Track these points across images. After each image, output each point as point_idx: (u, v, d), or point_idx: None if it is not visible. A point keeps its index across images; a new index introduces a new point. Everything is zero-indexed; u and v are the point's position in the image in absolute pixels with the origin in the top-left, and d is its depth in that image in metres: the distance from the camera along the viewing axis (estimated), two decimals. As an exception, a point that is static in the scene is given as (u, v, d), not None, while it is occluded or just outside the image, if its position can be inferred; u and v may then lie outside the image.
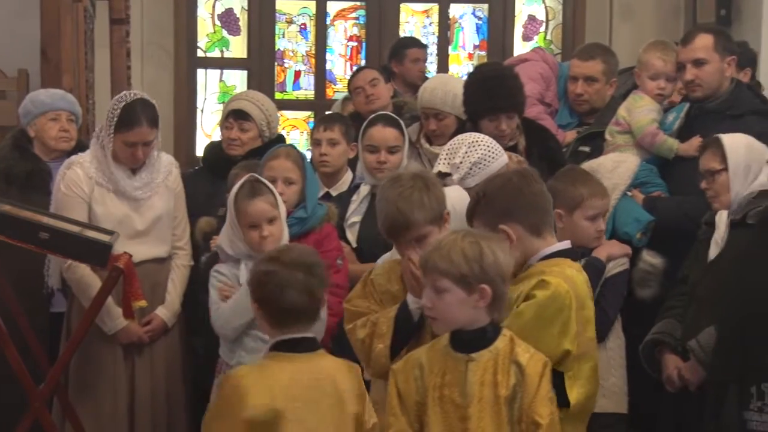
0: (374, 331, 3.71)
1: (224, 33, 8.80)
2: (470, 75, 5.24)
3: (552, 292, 3.51)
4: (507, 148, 4.78)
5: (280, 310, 3.42)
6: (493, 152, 4.45)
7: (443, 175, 4.39)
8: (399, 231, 3.74)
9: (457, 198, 4.02)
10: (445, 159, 4.49)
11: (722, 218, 4.39)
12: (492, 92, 4.97)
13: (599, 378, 3.88)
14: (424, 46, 7.65)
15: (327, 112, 7.04)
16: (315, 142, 5.48)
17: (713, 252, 4.37)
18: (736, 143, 4.46)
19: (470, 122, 5.06)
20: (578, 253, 3.85)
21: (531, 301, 3.51)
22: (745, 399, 3.87)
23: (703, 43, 5.09)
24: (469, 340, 3.37)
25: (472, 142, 4.47)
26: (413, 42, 7.68)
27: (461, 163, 4.39)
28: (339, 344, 4.30)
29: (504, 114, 4.95)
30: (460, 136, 4.60)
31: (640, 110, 5.17)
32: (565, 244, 3.73)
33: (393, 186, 3.76)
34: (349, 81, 6.53)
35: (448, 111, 5.33)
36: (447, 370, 3.38)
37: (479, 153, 4.42)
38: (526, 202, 3.67)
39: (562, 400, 3.51)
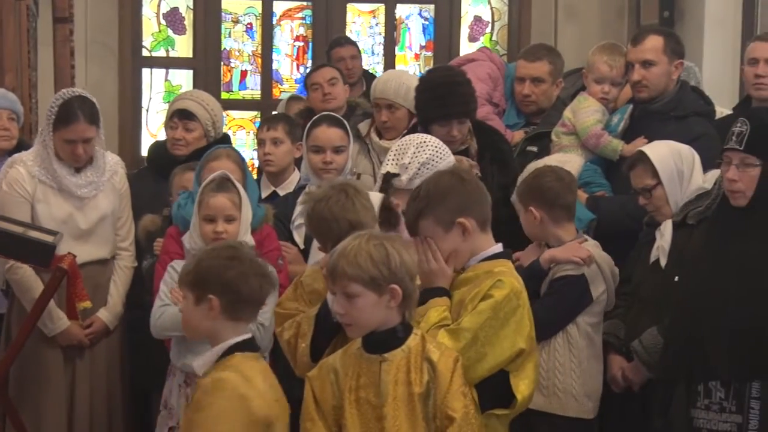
0: (298, 331, 3.73)
1: (169, 32, 8.74)
2: (421, 80, 5.24)
3: (508, 291, 3.54)
4: (458, 152, 4.79)
5: (240, 299, 3.40)
6: (441, 153, 4.45)
7: (391, 176, 4.39)
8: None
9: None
10: (393, 159, 4.48)
11: (667, 227, 4.41)
12: (443, 99, 4.97)
13: (542, 378, 4.02)
14: (346, 44, 7.47)
15: (273, 112, 7.01)
16: (259, 142, 5.49)
17: (654, 255, 4.39)
18: (662, 154, 4.48)
19: (421, 126, 5.06)
20: (511, 254, 3.85)
21: (489, 300, 3.53)
22: (693, 397, 3.91)
23: (653, 44, 5.13)
24: (381, 341, 3.37)
25: (420, 142, 4.48)
26: (335, 43, 7.56)
27: (410, 163, 4.39)
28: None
29: (455, 120, 4.96)
30: (407, 137, 4.60)
31: (585, 111, 5.19)
32: (500, 246, 3.74)
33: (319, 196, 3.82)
34: (308, 75, 6.52)
35: (401, 103, 5.37)
36: (361, 372, 3.38)
37: (427, 153, 4.42)
38: (477, 196, 3.70)
39: (505, 400, 3.54)
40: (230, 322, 3.42)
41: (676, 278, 4.11)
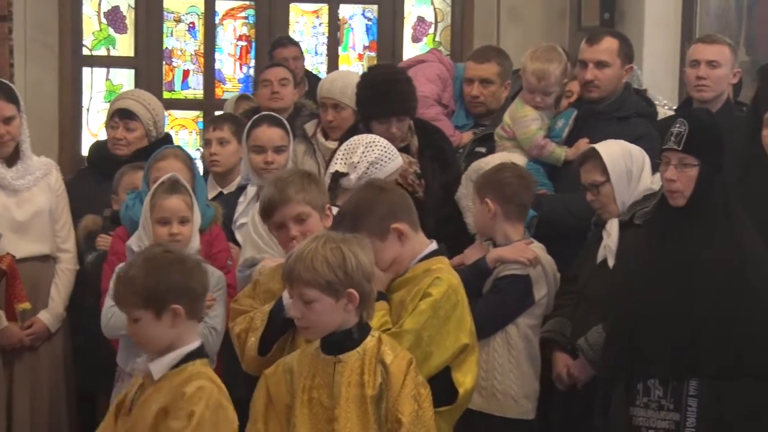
0: (250, 326, 3.73)
1: (110, 31, 8.63)
2: (362, 77, 5.26)
3: (446, 288, 3.59)
4: (399, 149, 4.80)
5: (197, 297, 3.36)
6: (389, 153, 4.48)
7: (340, 175, 4.40)
8: (275, 207, 3.82)
9: None
10: (342, 159, 4.49)
11: (613, 226, 4.44)
12: (383, 96, 4.98)
13: (481, 379, 4.07)
14: (289, 44, 7.41)
15: (217, 112, 6.97)
16: (205, 142, 5.48)
17: (601, 255, 4.42)
18: (614, 152, 4.51)
19: (362, 123, 5.06)
20: (446, 251, 3.87)
21: (428, 299, 3.56)
22: (632, 396, 3.95)
23: (609, 46, 5.16)
24: (337, 342, 3.37)
25: (369, 142, 4.49)
26: (277, 43, 7.52)
27: (359, 162, 4.40)
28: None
29: (395, 117, 4.97)
30: (355, 137, 4.61)
31: (524, 121, 5.16)
32: (435, 244, 3.76)
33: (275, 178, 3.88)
34: (261, 71, 6.51)
35: (347, 103, 5.38)
36: (316, 373, 3.38)
37: (376, 153, 4.43)
38: (401, 201, 3.75)
39: (445, 396, 3.56)
40: (191, 322, 3.37)
41: (622, 277, 4.15)
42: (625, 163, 4.49)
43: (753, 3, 7.17)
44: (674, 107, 5.76)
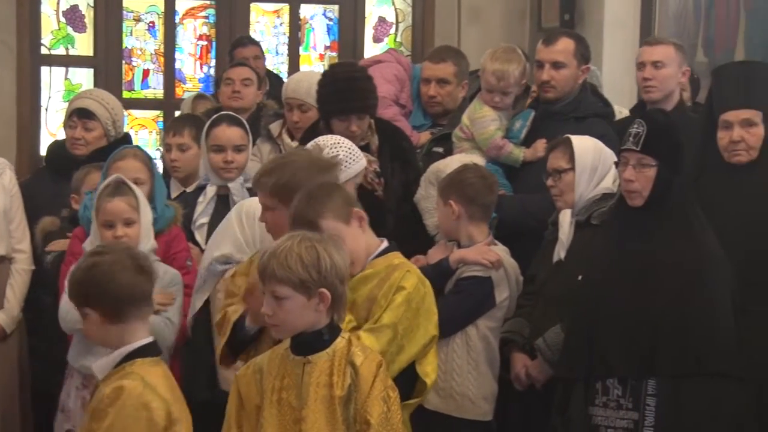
0: (222, 324, 3.77)
1: (69, 30, 8.57)
2: (324, 74, 5.27)
3: (416, 281, 3.65)
4: (359, 147, 4.80)
5: (114, 299, 3.32)
6: (353, 155, 4.48)
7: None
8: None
9: None
10: None
11: (566, 217, 4.47)
12: (344, 93, 4.99)
13: (440, 380, 4.10)
14: (249, 44, 7.38)
15: (177, 113, 6.93)
16: (166, 147, 5.43)
17: (557, 255, 4.45)
18: (585, 145, 4.54)
19: (323, 121, 5.06)
20: (397, 247, 3.88)
21: (402, 292, 3.61)
22: (591, 395, 3.97)
23: (565, 46, 5.18)
24: (307, 343, 3.37)
25: (335, 143, 4.50)
26: (237, 43, 7.49)
27: None
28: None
29: (355, 115, 4.97)
30: (320, 138, 4.61)
31: (482, 121, 5.17)
32: (386, 242, 3.79)
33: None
34: (225, 70, 6.49)
35: (312, 103, 5.38)
36: (286, 373, 3.37)
37: (342, 154, 4.43)
38: (353, 196, 3.78)
39: (405, 389, 3.58)
40: (121, 325, 3.34)
41: (580, 277, 4.17)
42: (593, 158, 4.52)
43: (711, 5, 7.23)
44: (629, 110, 5.79)
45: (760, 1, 6.91)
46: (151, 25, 8.75)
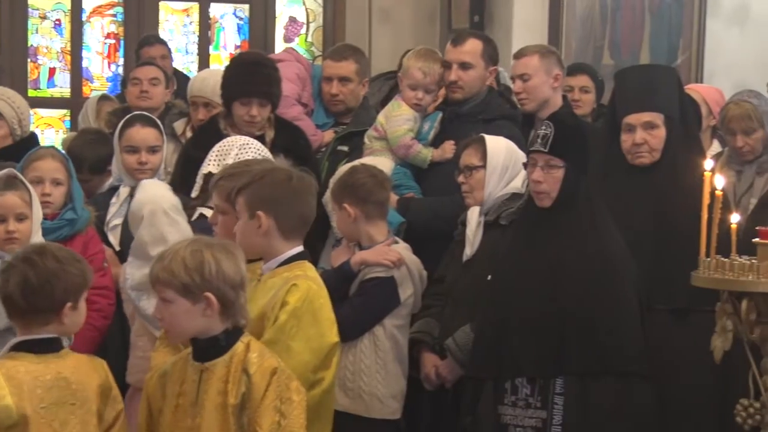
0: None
1: (-27, 28, 8.45)
2: (231, 60, 5.29)
3: (303, 294, 3.57)
4: (254, 137, 4.81)
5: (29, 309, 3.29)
6: (263, 155, 4.46)
7: (213, 176, 4.36)
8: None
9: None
10: (214, 160, 4.47)
11: (473, 215, 4.51)
12: (248, 77, 5.00)
13: (348, 380, 4.14)
14: (156, 43, 7.30)
15: (81, 115, 6.82)
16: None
17: (466, 254, 4.48)
18: (498, 144, 4.59)
19: (224, 107, 5.06)
20: (309, 255, 3.87)
21: (286, 307, 3.54)
22: (500, 394, 4.01)
23: (473, 47, 5.22)
24: (205, 349, 3.33)
25: (243, 144, 4.48)
26: (144, 41, 7.42)
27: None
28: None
29: (257, 99, 4.96)
30: (228, 139, 4.58)
31: (397, 119, 5.19)
32: (300, 248, 3.76)
33: None
34: (129, 70, 6.43)
35: (218, 102, 5.36)
36: (185, 379, 3.34)
37: (251, 155, 4.41)
38: (292, 202, 3.71)
39: None
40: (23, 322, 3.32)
41: (489, 277, 4.20)
42: (504, 158, 4.56)
43: (617, 8, 7.36)
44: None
45: (665, 4, 7.06)
46: (57, 22, 8.65)
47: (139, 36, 8.04)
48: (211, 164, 4.47)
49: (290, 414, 3.28)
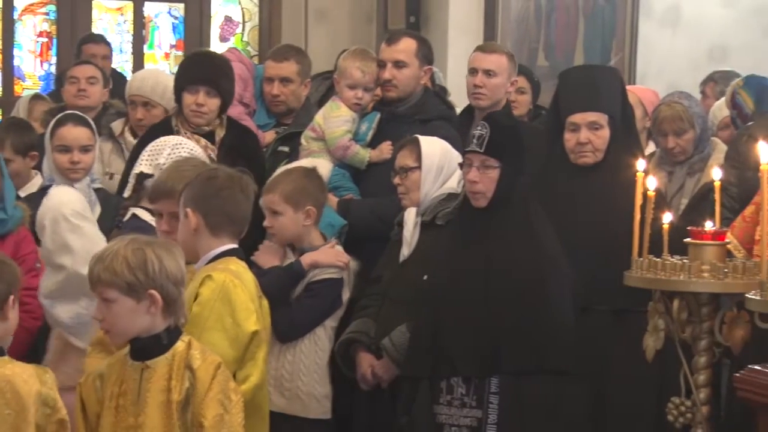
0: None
1: None
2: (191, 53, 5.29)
3: (216, 285, 3.55)
4: (204, 135, 4.84)
5: None
6: (195, 155, 4.43)
7: (145, 176, 4.33)
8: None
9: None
10: (147, 160, 4.44)
11: (410, 216, 4.53)
12: (196, 66, 5.05)
13: (285, 381, 4.14)
14: (100, 41, 7.27)
15: (12, 115, 6.72)
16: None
17: (403, 255, 4.50)
18: (432, 145, 4.61)
19: (176, 102, 5.07)
20: (242, 252, 3.86)
21: (199, 299, 3.54)
22: (436, 394, 4.03)
23: (407, 46, 5.24)
24: (146, 348, 3.32)
25: (176, 144, 4.46)
26: (88, 38, 7.34)
27: (165, 164, 4.34)
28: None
29: (204, 87, 4.96)
30: (162, 139, 4.56)
31: (335, 120, 5.19)
32: (234, 245, 3.74)
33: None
34: (64, 69, 6.35)
35: (157, 101, 5.38)
36: (124, 378, 3.33)
37: (184, 154, 4.38)
38: (223, 202, 3.69)
39: None
40: None
41: (425, 277, 4.22)
42: (439, 159, 4.58)
43: (551, 10, 7.44)
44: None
45: (598, 6, 7.14)
46: (-13, 20, 8.53)
47: (72, 34, 7.99)
48: (143, 164, 4.43)
49: (231, 410, 3.31)
